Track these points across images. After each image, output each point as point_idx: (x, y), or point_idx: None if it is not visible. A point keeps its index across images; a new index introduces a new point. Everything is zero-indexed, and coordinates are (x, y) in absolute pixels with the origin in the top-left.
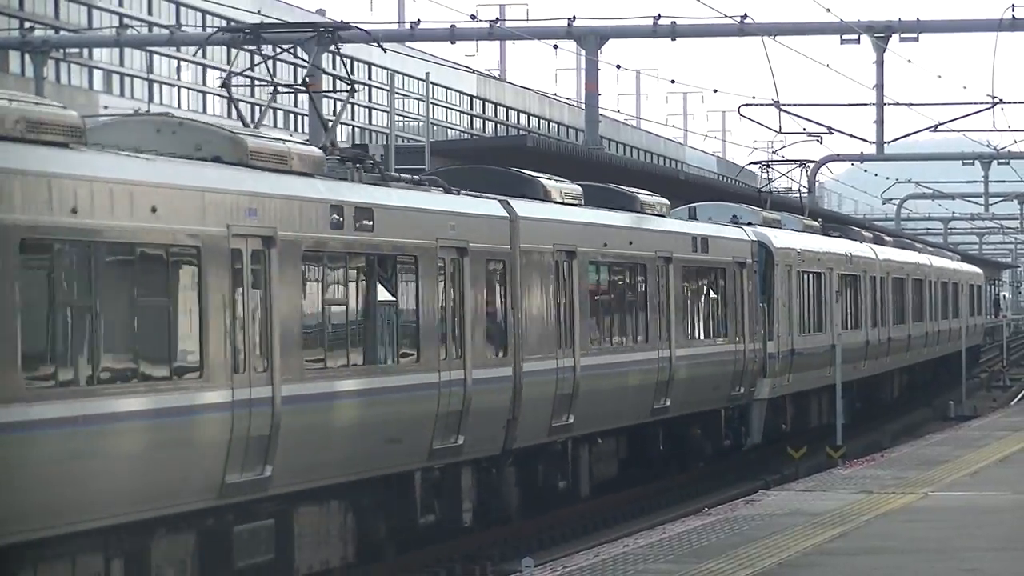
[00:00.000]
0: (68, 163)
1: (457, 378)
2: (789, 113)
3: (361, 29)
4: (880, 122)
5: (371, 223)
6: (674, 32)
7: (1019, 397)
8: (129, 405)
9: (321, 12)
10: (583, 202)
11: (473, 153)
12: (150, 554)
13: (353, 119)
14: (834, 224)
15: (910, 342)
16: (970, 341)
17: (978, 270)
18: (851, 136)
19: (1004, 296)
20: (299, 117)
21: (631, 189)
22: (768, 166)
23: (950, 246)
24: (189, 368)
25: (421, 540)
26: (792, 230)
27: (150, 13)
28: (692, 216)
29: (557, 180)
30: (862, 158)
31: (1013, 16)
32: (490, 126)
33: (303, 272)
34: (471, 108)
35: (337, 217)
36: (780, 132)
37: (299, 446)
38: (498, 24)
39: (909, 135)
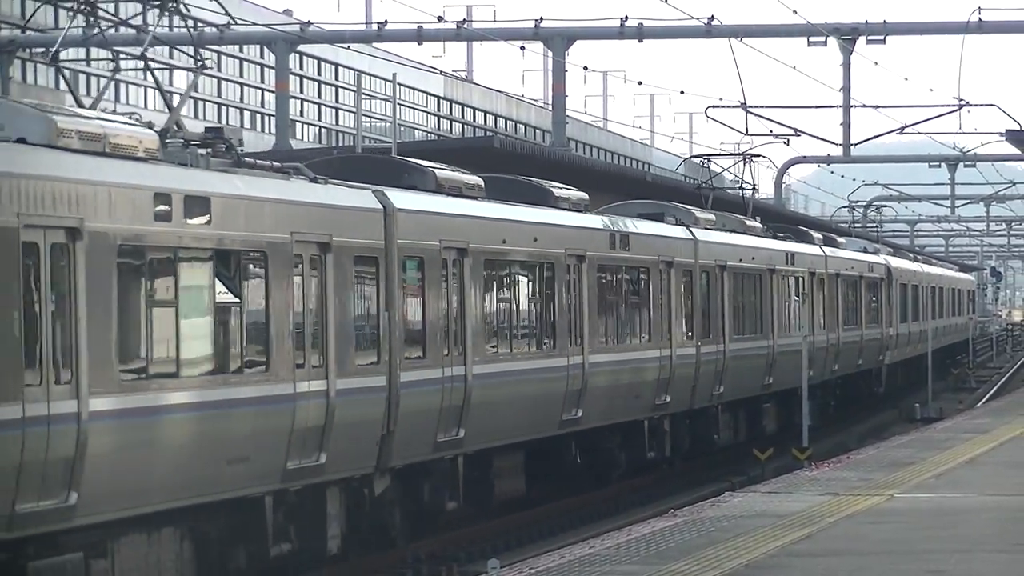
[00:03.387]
0: None
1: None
2: (756, 115)
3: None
4: (847, 124)
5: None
6: (641, 33)
7: (985, 399)
8: None
9: (288, 12)
10: (805, 240)
11: (439, 154)
12: None
13: (320, 119)
14: (896, 248)
15: (939, 331)
16: (968, 333)
17: (971, 277)
18: (818, 138)
19: None
20: (267, 117)
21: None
22: (854, 208)
23: (916, 248)
24: None
25: (388, 541)
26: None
27: (116, 13)
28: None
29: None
30: (829, 160)
31: (980, 19)
32: (457, 127)
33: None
34: (438, 109)
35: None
36: (747, 134)
37: None
38: (465, 25)
39: (876, 137)
